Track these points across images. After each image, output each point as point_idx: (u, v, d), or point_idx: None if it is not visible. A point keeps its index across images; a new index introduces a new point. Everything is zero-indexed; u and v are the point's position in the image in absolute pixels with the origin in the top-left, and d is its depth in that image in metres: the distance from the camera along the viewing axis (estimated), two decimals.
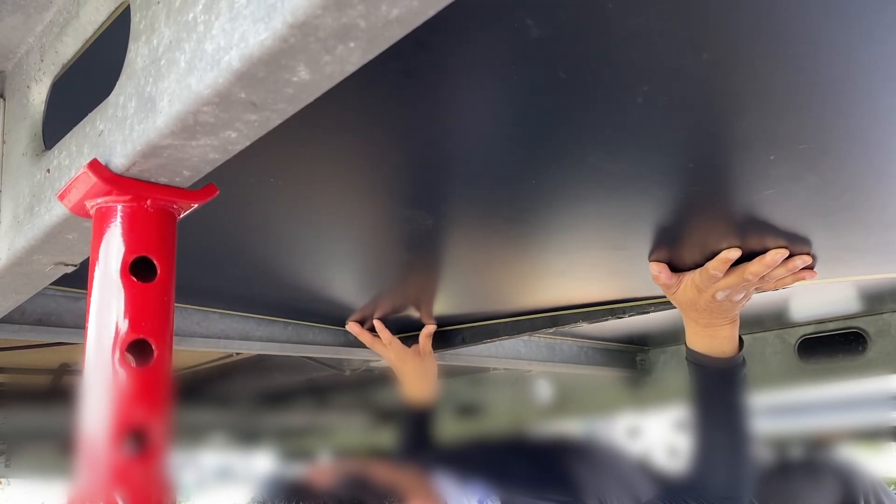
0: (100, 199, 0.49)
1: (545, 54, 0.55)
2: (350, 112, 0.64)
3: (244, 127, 0.44)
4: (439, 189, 0.87)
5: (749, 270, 0.98)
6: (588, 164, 0.76)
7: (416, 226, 0.96)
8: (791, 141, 0.69)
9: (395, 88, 0.60)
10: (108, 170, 0.48)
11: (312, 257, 1.13)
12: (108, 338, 0.48)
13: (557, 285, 1.31)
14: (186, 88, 0.41)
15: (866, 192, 0.81)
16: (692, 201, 0.86)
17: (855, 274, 1.19)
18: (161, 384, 0.48)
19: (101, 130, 0.49)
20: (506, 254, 1.13)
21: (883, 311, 1.86)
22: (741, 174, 0.77)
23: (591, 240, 1.05)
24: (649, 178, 0.80)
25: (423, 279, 1.29)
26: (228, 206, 0.87)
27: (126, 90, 0.47)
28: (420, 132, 0.70)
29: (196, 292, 1.30)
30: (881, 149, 0.71)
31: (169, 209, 0.51)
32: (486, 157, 0.77)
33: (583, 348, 2.05)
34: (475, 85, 0.61)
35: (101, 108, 0.50)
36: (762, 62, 0.56)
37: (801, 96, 0.61)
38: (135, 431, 0.47)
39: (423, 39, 0.52)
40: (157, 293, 0.49)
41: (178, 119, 0.42)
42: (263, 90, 0.40)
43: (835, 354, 1.93)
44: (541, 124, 0.68)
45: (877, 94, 0.61)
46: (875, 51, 0.55)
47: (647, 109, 0.63)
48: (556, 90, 0.60)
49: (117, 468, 0.46)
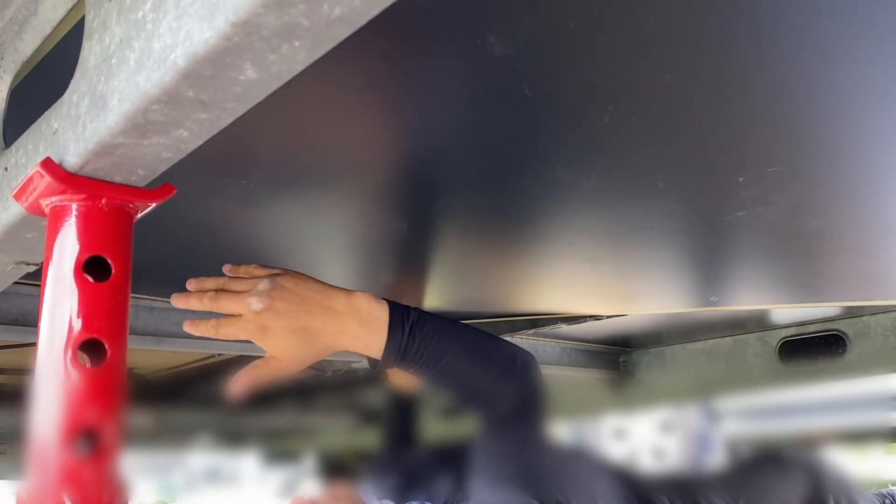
0: (54, 198, 0.49)
1: (509, 71, 0.55)
2: (320, 116, 0.64)
3: (195, 126, 0.43)
4: (413, 196, 0.87)
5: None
6: (558, 180, 0.76)
7: (391, 230, 0.96)
8: (760, 163, 0.69)
9: (361, 97, 0.60)
10: (62, 168, 0.48)
11: (289, 257, 1.13)
12: (61, 337, 0.47)
13: (536, 293, 1.32)
14: (135, 87, 0.41)
15: (837, 217, 0.81)
16: (664, 219, 0.86)
17: (830, 301, 1.18)
18: (114, 384, 0.48)
19: (56, 129, 0.49)
20: (483, 260, 1.13)
21: (862, 313, 1.87)
22: (711, 194, 0.77)
23: (565, 251, 1.05)
24: (619, 195, 0.80)
25: (402, 282, 1.29)
26: (202, 205, 0.87)
27: (80, 88, 0.47)
28: (389, 140, 0.70)
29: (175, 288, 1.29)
30: (851, 173, 0.71)
31: (125, 209, 0.51)
32: (459, 167, 0.77)
33: (566, 349, 2.06)
34: (441, 96, 0.61)
35: (56, 107, 0.50)
36: (728, 83, 0.56)
37: (770, 118, 0.61)
38: (86, 432, 0.46)
39: (387, 51, 0.52)
40: (112, 293, 0.49)
41: (128, 118, 0.42)
42: (211, 89, 0.40)
43: (815, 357, 1.95)
44: (509, 138, 0.68)
45: (846, 117, 0.61)
46: (846, 73, 0.55)
47: (614, 128, 0.63)
48: (523, 106, 0.61)
49: (68, 469, 0.46)
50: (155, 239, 1.00)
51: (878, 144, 0.63)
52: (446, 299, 1.45)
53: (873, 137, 0.62)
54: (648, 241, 0.94)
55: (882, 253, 0.85)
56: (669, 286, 1.14)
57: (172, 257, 1.12)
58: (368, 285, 1.33)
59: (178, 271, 1.21)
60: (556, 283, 1.21)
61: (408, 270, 1.24)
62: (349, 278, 1.30)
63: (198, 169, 0.73)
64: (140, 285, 1.30)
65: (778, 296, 1.14)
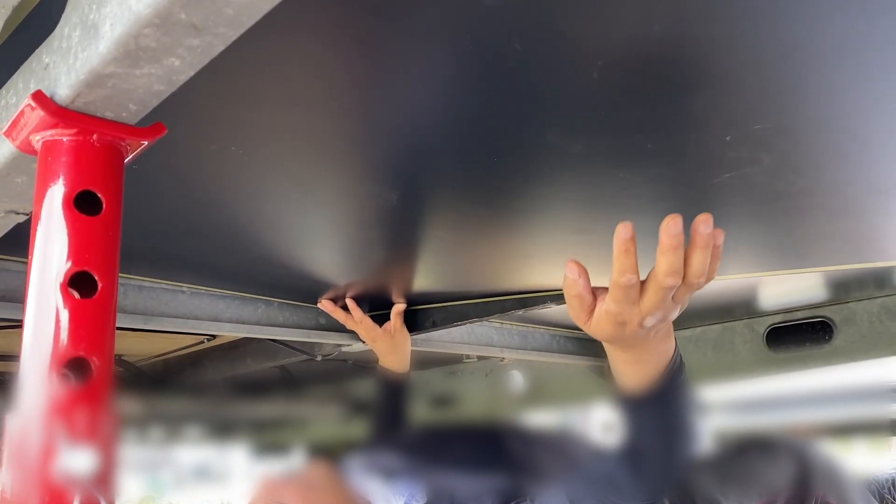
0: (46, 133, 0.49)
1: (499, 23, 0.55)
2: (309, 79, 0.63)
3: (187, 53, 0.44)
4: (402, 164, 0.86)
5: (661, 275, 0.70)
6: (548, 143, 0.76)
7: (382, 202, 0.96)
8: (746, 120, 0.69)
9: (349, 55, 0.59)
10: (53, 102, 0.48)
11: (279, 230, 1.13)
12: (52, 270, 0.47)
13: (526, 267, 1.32)
14: (128, 10, 0.41)
15: (823, 176, 0.81)
16: (652, 185, 0.86)
17: (818, 265, 1.18)
18: (105, 316, 0.48)
19: (47, 64, 0.49)
20: (472, 234, 1.13)
21: (848, 299, 1.89)
22: (698, 156, 0.77)
23: (555, 222, 1.05)
24: (609, 159, 0.79)
25: (392, 257, 1.29)
26: (190, 173, 0.87)
27: (71, 20, 0.47)
28: (377, 103, 0.69)
29: (164, 264, 1.29)
30: (836, 129, 0.71)
31: (116, 145, 0.51)
32: (447, 132, 0.76)
33: (555, 337, 2.07)
34: (430, 54, 0.60)
35: (48, 43, 0.50)
36: (713, 37, 0.56)
37: (754, 74, 0.61)
38: (77, 362, 0.47)
39: (375, 5, 0.52)
40: (103, 227, 0.49)
41: (119, 43, 0.43)
42: (203, 10, 0.40)
43: (802, 343, 1.96)
44: (499, 99, 0.67)
45: (830, 70, 0.61)
46: (829, 25, 0.55)
47: (602, 86, 0.63)
48: (513, 62, 0.60)
49: (59, 399, 0.46)
50: (147, 217, 1.00)
51: (864, 97, 0.64)
52: (437, 279, 1.46)
53: (859, 90, 0.63)
54: (637, 209, 0.94)
55: (869, 213, 0.86)
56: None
57: (163, 238, 1.12)
58: (361, 263, 1.34)
59: (169, 253, 1.21)
60: (546, 256, 1.21)
61: (399, 248, 1.24)
62: (341, 256, 1.30)
63: (188, 132, 0.73)
64: (130, 267, 1.30)
65: (764, 262, 1.14)
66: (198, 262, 1.28)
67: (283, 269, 1.33)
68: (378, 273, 1.39)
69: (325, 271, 1.37)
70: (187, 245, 1.17)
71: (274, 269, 1.33)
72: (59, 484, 0.44)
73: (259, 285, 1.45)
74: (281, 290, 1.51)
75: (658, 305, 0.73)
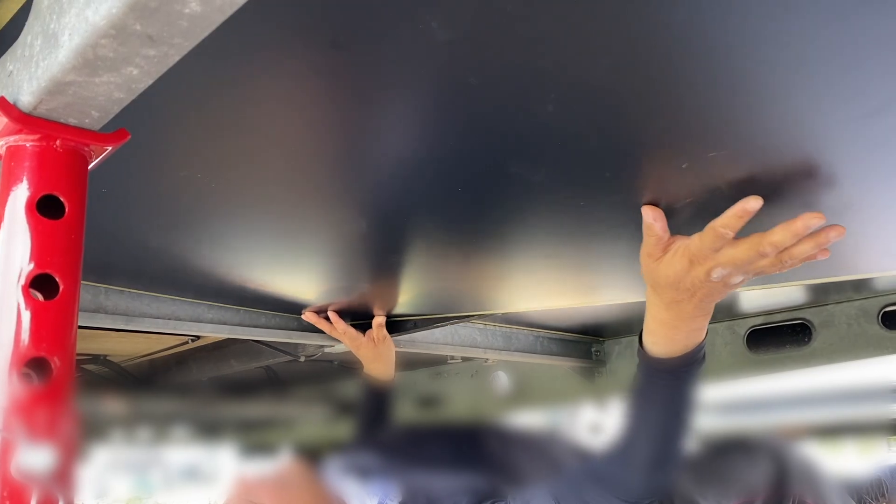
0: (9, 139, 0.50)
1: (454, 58, 0.55)
2: (268, 106, 0.63)
3: (144, 63, 0.45)
4: (368, 192, 0.85)
5: (769, 240, 0.76)
6: (511, 174, 0.76)
7: (351, 228, 0.95)
8: (701, 148, 0.69)
9: (310, 87, 0.60)
10: (16, 108, 0.49)
11: (251, 254, 1.12)
12: (13, 272, 0.49)
13: (501, 288, 1.32)
14: (85, 21, 0.42)
15: (782, 198, 0.79)
16: (614, 211, 0.86)
17: (792, 280, 1.17)
18: (66, 318, 0.49)
19: (11, 71, 0.50)
20: (443, 259, 1.12)
21: (827, 302, 1.91)
22: (657, 182, 0.77)
23: (524, 248, 1.05)
24: (568, 187, 0.79)
25: (369, 277, 1.29)
26: (155, 199, 0.87)
27: (33, 29, 0.48)
28: (340, 134, 0.69)
29: (144, 278, 1.30)
30: (793, 150, 0.70)
31: (80, 151, 0.52)
32: (411, 162, 0.76)
33: (538, 338, 2.08)
34: (389, 87, 0.60)
35: (11, 51, 0.51)
36: (662, 68, 0.56)
37: (708, 101, 0.61)
38: (38, 362, 0.48)
39: (333, 39, 0.53)
40: (65, 230, 0.50)
41: (78, 52, 0.44)
42: (158, 22, 0.42)
43: (782, 345, 1.99)
44: (458, 131, 0.68)
45: (784, 101, 0.61)
46: (772, 49, 0.54)
47: (558, 117, 0.63)
48: (469, 96, 0.60)
49: (19, 398, 0.47)
50: (125, 239, 1.01)
51: (817, 122, 0.65)
52: (419, 301, 1.47)
53: (808, 115, 0.64)
54: (601, 234, 0.95)
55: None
56: (629, 276, 1.15)
57: (140, 257, 1.13)
58: (338, 285, 1.34)
59: (145, 269, 1.21)
60: (520, 280, 1.22)
61: (378, 272, 1.24)
62: (317, 277, 1.29)
63: (155, 159, 0.73)
64: (111, 280, 1.31)
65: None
66: (180, 280, 1.29)
67: (262, 286, 1.34)
68: (356, 291, 1.40)
69: (305, 289, 1.38)
70: (164, 263, 1.17)
71: (255, 287, 1.33)
72: (18, 482, 0.45)
73: (240, 298, 1.46)
74: (262, 303, 1.51)
75: (739, 260, 0.79)
